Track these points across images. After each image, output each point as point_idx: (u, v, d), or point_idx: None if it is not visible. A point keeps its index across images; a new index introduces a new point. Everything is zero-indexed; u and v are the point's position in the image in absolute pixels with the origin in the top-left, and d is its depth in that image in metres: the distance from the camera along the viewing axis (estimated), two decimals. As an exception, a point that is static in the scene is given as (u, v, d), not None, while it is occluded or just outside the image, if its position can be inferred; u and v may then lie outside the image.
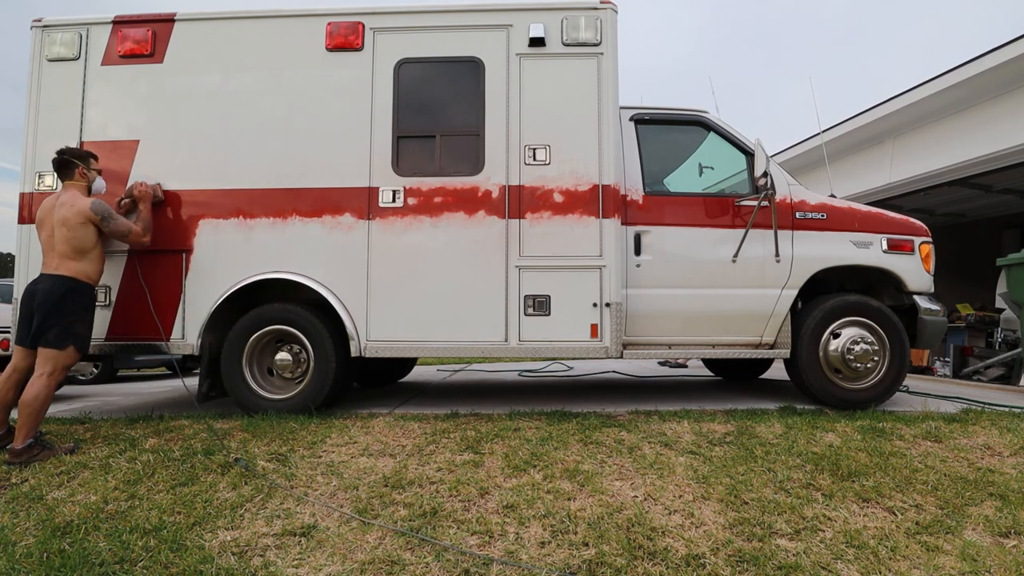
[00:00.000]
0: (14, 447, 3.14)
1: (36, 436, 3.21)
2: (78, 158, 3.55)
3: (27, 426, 3.15)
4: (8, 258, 44.02)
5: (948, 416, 3.74)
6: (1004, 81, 7.12)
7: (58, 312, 3.28)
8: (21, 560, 2.21)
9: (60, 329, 3.28)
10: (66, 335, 3.31)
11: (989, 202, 9.99)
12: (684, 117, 4.46)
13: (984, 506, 2.59)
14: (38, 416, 3.20)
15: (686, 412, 3.86)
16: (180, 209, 4.06)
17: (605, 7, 4.07)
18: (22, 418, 3.15)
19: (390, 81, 4.08)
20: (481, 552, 2.24)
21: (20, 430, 3.15)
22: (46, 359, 3.26)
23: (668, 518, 2.46)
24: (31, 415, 3.16)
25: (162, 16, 4.24)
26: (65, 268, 3.36)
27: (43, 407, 3.23)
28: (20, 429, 3.15)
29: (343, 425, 3.61)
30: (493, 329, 3.95)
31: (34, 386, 3.20)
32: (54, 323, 3.26)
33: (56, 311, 3.28)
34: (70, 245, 3.37)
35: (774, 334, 4.16)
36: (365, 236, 4.00)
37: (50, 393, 3.26)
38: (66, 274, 3.35)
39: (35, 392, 3.18)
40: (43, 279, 3.36)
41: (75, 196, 3.46)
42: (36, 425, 3.20)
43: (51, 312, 3.26)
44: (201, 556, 2.22)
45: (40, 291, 3.31)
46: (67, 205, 3.40)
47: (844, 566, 2.17)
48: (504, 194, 4.00)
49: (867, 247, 4.24)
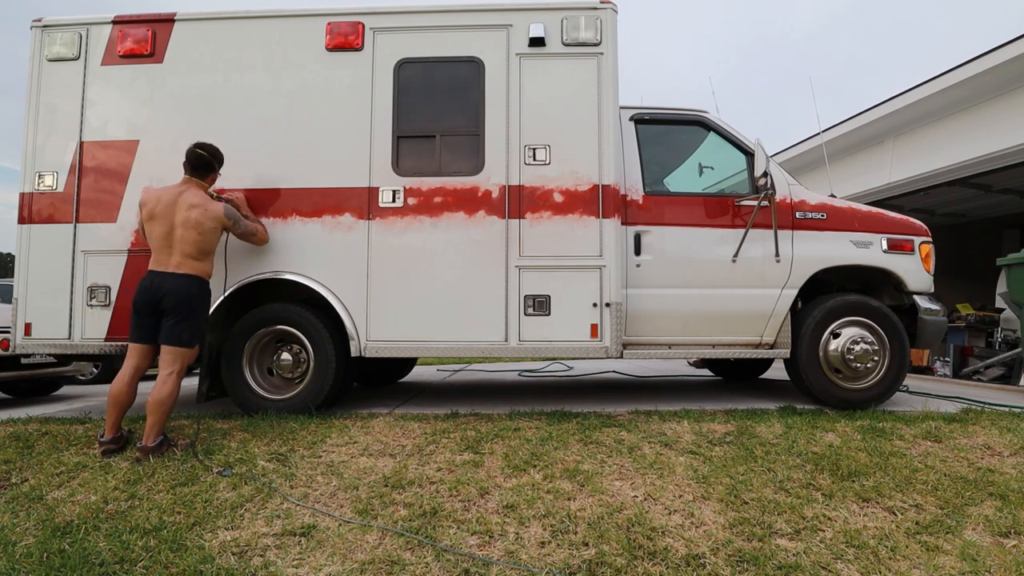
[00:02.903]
0: (146, 445, 3.15)
1: (163, 434, 3.25)
2: (218, 162, 3.59)
3: (159, 424, 3.20)
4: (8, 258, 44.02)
5: (948, 416, 3.74)
6: (1004, 81, 7.12)
7: (191, 312, 3.30)
8: (21, 560, 2.21)
9: (193, 328, 3.31)
10: (196, 334, 3.35)
11: (989, 202, 9.99)
12: (684, 117, 4.46)
13: (984, 506, 2.58)
14: (168, 415, 3.25)
15: (686, 412, 3.86)
16: (180, 209, 4.05)
17: (605, 7, 4.07)
18: (154, 416, 3.17)
19: (390, 81, 4.08)
20: (481, 552, 2.24)
21: (152, 428, 3.17)
22: (176, 357, 3.27)
23: (668, 518, 2.46)
24: (165, 413, 3.21)
25: (162, 16, 4.24)
26: (189, 267, 3.35)
27: (173, 405, 3.27)
28: (152, 427, 3.17)
29: (343, 425, 3.61)
30: (493, 329, 3.95)
31: (166, 384, 3.21)
32: (188, 322, 3.28)
33: (191, 311, 3.30)
34: (198, 247, 3.37)
35: (774, 334, 4.16)
36: (365, 236, 4.00)
37: (178, 391, 3.31)
38: (193, 273, 3.36)
39: (168, 390, 3.21)
40: (169, 278, 3.30)
41: (205, 199, 3.46)
42: (164, 423, 3.25)
43: (186, 312, 3.27)
44: (201, 556, 2.22)
45: (171, 290, 3.27)
46: (199, 208, 3.37)
47: (844, 566, 2.17)
48: (504, 194, 4.00)
49: (867, 247, 4.24)
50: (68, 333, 4.02)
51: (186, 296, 3.29)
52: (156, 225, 3.35)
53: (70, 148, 4.10)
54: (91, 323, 4.02)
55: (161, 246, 3.36)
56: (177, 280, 3.31)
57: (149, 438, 3.16)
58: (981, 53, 7.08)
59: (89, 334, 4.02)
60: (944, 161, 8.11)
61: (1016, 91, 7.11)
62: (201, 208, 3.39)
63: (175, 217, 3.35)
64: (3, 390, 6.34)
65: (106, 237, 4.05)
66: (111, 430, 3.27)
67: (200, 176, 3.53)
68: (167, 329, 3.26)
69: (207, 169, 3.54)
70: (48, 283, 4.04)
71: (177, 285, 3.29)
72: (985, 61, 7.01)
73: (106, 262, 4.04)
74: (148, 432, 3.18)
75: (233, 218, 3.58)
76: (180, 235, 3.34)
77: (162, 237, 3.35)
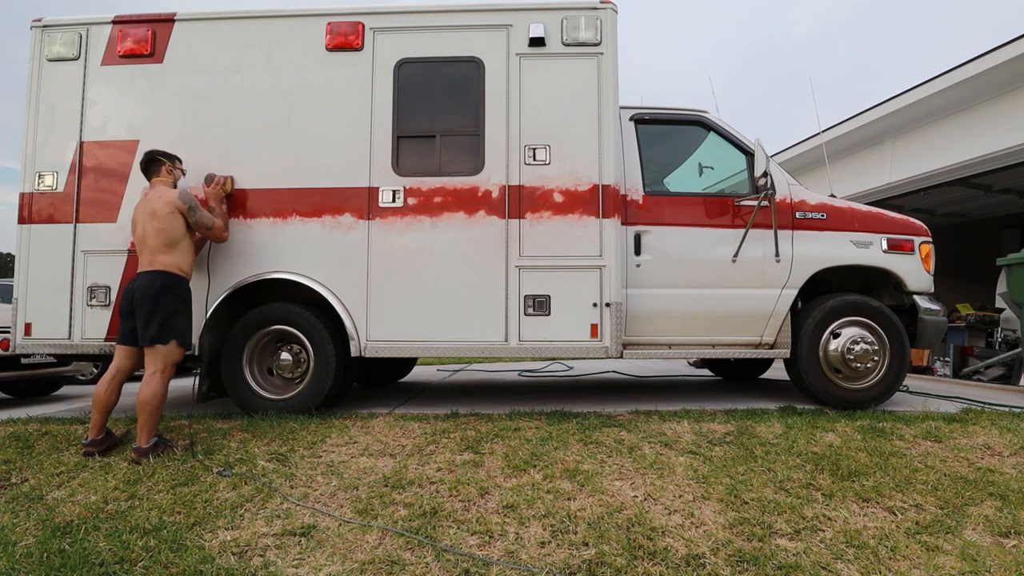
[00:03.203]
0: (140, 446, 3.14)
1: (158, 434, 3.24)
2: (164, 156, 3.61)
3: (149, 425, 3.18)
4: (8, 258, 44.01)
5: (948, 416, 3.74)
6: (1004, 81, 7.12)
7: (156, 307, 3.27)
8: (21, 560, 2.21)
9: (160, 324, 3.27)
10: (167, 329, 3.29)
11: (989, 202, 9.99)
12: (684, 117, 4.46)
13: (984, 506, 2.58)
14: (157, 414, 3.22)
15: (686, 412, 3.86)
16: (180, 209, 4.05)
17: (605, 7, 4.07)
18: (143, 417, 3.16)
19: (390, 81, 4.08)
20: (481, 552, 2.24)
21: (142, 429, 3.16)
22: (154, 356, 3.27)
23: (668, 518, 2.46)
24: (151, 414, 3.18)
25: (162, 16, 4.24)
26: (158, 263, 3.35)
27: (161, 405, 3.24)
28: (142, 428, 3.16)
29: (343, 425, 3.61)
30: (493, 329, 3.95)
31: (149, 385, 3.20)
32: (155, 319, 3.26)
33: (155, 307, 3.26)
34: (160, 237, 3.36)
35: (774, 334, 4.16)
36: (365, 236, 4.00)
37: (165, 391, 3.29)
38: (160, 268, 3.35)
39: (152, 391, 3.19)
40: (140, 276, 3.35)
41: (163, 189, 3.50)
42: (156, 423, 3.23)
43: (151, 308, 3.26)
44: (201, 556, 2.22)
45: (138, 288, 3.29)
46: (155, 198, 3.43)
47: (844, 566, 2.17)
48: (504, 194, 4.00)
49: (867, 247, 4.24)
50: (68, 333, 4.02)
51: (149, 291, 3.27)
52: (135, 230, 3.45)
53: (70, 148, 4.10)
54: (91, 323, 4.02)
55: (140, 248, 3.42)
56: (146, 277, 3.33)
57: (142, 439, 3.16)
58: (981, 53, 7.07)
59: (89, 334, 4.02)
60: (944, 161, 8.11)
61: (1016, 91, 7.11)
62: (157, 197, 3.43)
63: (142, 215, 3.41)
64: (3, 390, 6.34)
65: (106, 237, 4.05)
66: (93, 431, 3.29)
67: (153, 174, 3.57)
68: (140, 328, 3.27)
69: (154, 164, 3.57)
70: (48, 283, 4.04)
71: (144, 282, 3.31)
72: (985, 61, 7.01)
73: (106, 262, 4.04)
74: (139, 433, 3.18)
75: (188, 203, 3.47)
76: (146, 230, 3.38)
77: (139, 239, 3.42)
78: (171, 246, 3.39)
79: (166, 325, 3.29)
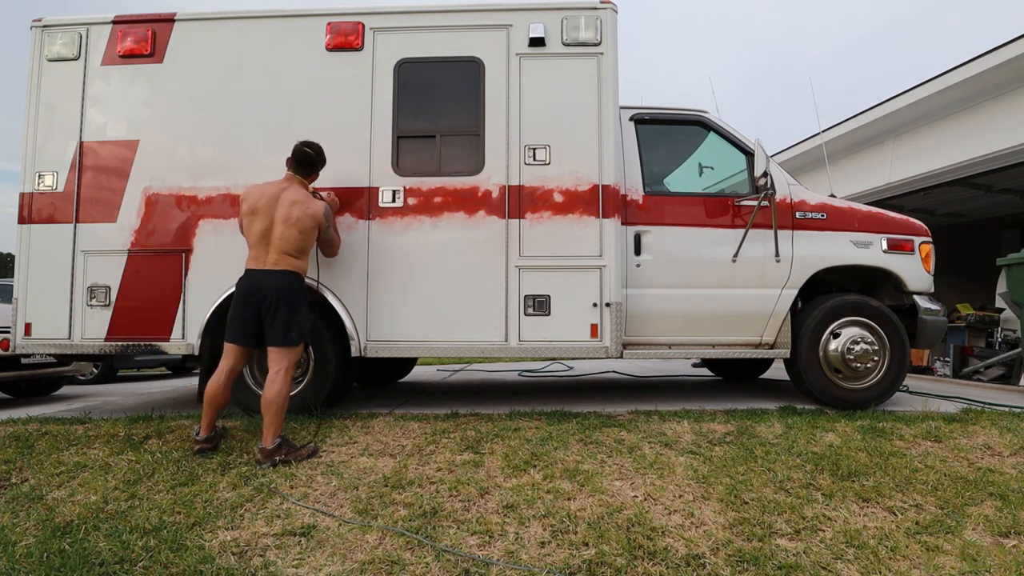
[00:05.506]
0: (265, 447, 3.05)
1: (282, 436, 3.15)
2: (322, 162, 3.55)
3: (275, 425, 3.08)
4: (8, 258, 44.01)
5: (948, 416, 3.74)
6: (1004, 81, 7.12)
7: (295, 308, 3.21)
8: (21, 560, 2.21)
9: (297, 326, 3.21)
10: (301, 332, 3.25)
11: (989, 202, 9.99)
12: (684, 117, 4.46)
13: (984, 506, 2.59)
14: (282, 414, 3.13)
15: (686, 412, 3.86)
16: (180, 209, 4.05)
17: (605, 7, 4.07)
18: (269, 417, 3.06)
19: (390, 81, 4.07)
20: (481, 552, 2.24)
21: (268, 429, 3.07)
22: (282, 356, 3.17)
23: (668, 518, 2.46)
24: (277, 413, 3.08)
25: (162, 16, 4.24)
26: (287, 263, 3.26)
27: (286, 404, 3.15)
28: (268, 428, 3.07)
29: (343, 425, 3.61)
30: (493, 329, 3.95)
31: (275, 384, 3.11)
32: (293, 321, 3.19)
33: (292, 309, 3.20)
34: (296, 245, 3.28)
35: (774, 334, 4.16)
36: (365, 236, 4.00)
37: (289, 390, 3.20)
38: (292, 269, 3.28)
39: (278, 390, 3.10)
40: (268, 276, 3.22)
41: (308, 197, 3.40)
42: (282, 423, 3.14)
43: (289, 310, 3.19)
44: (201, 556, 2.22)
45: (270, 289, 3.18)
46: (301, 205, 3.31)
47: (844, 566, 2.17)
48: (504, 194, 4.00)
49: (867, 247, 4.24)
50: (68, 333, 4.02)
51: (287, 292, 3.20)
52: (256, 221, 3.26)
53: (70, 148, 4.10)
54: (91, 323, 4.02)
55: (258, 242, 3.26)
56: (278, 277, 3.22)
57: (267, 440, 3.07)
58: (981, 53, 7.07)
59: (89, 334, 4.02)
60: (944, 161, 8.11)
61: (1016, 91, 7.11)
62: (302, 205, 3.31)
63: (276, 213, 3.27)
64: (3, 390, 6.34)
65: (106, 237, 4.04)
66: (205, 429, 3.23)
67: (304, 174, 3.49)
68: (273, 330, 3.17)
69: (311, 167, 3.51)
70: (48, 283, 4.04)
71: (277, 283, 3.21)
72: (985, 61, 7.01)
73: (106, 262, 4.03)
74: (265, 433, 3.08)
75: (330, 221, 3.51)
76: (280, 232, 3.26)
77: (260, 233, 3.26)
78: (303, 253, 3.35)
79: (302, 328, 3.25)
